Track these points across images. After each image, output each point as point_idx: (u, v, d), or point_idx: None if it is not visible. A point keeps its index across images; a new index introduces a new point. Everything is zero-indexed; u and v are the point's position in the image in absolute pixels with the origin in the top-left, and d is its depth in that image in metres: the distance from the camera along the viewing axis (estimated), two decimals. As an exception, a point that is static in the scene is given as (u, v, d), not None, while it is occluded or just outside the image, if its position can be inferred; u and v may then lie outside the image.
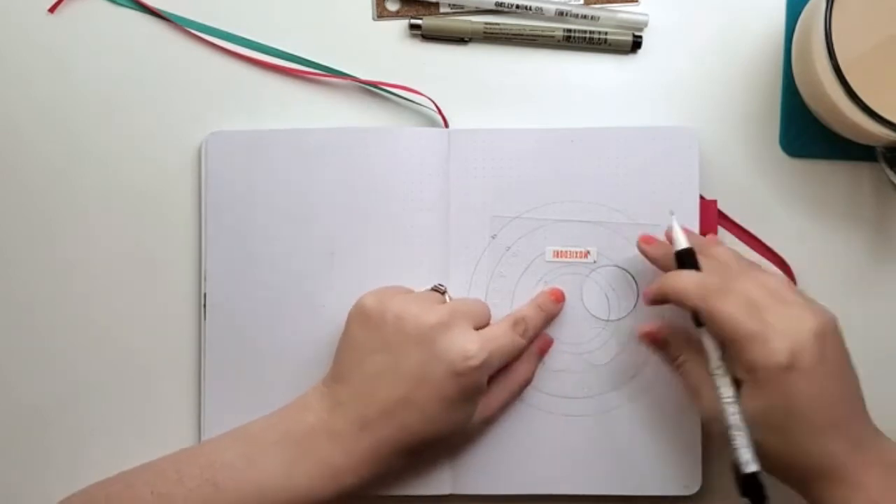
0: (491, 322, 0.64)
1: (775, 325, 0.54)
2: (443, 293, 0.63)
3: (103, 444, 0.67)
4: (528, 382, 0.64)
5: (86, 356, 0.67)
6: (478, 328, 0.61)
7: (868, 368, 0.60)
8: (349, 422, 0.59)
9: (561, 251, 0.65)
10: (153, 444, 0.65)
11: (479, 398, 0.61)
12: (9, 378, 0.67)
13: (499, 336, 0.61)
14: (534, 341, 0.64)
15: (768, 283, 0.57)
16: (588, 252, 0.65)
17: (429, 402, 0.58)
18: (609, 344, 0.65)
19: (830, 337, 0.56)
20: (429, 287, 0.64)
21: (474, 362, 0.58)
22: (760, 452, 0.55)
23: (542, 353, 0.65)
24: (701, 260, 0.59)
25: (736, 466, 0.55)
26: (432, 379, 0.58)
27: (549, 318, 0.65)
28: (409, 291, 0.64)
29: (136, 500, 0.58)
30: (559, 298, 0.65)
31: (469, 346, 0.59)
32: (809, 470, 0.55)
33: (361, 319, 0.61)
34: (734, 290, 0.56)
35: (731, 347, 0.56)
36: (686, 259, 0.59)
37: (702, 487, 0.64)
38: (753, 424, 0.55)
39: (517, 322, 0.63)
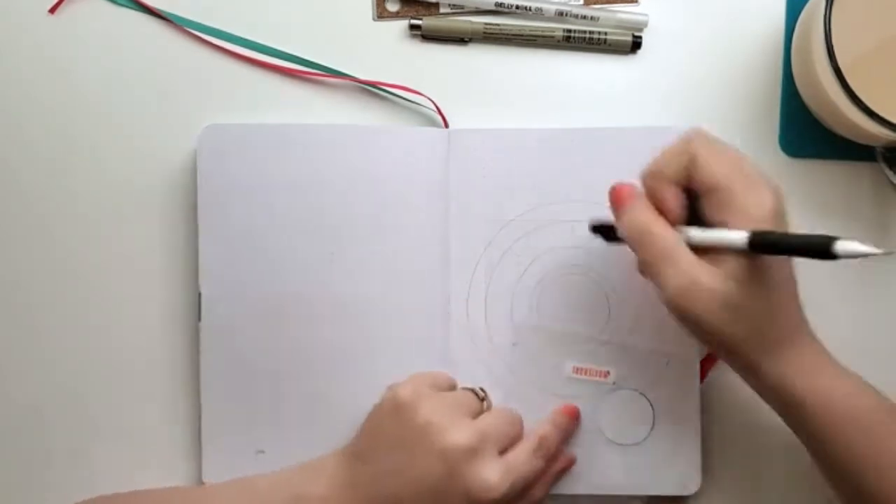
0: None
1: (756, 178, 0.55)
2: (482, 399, 0.63)
3: (102, 445, 0.67)
4: (540, 502, 0.63)
5: (84, 356, 0.67)
6: (505, 448, 0.60)
7: (867, 368, 0.60)
8: (359, 502, 0.59)
9: (581, 368, 0.65)
10: (152, 445, 0.65)
11: None
12: (7, 379, 0.67)
13: (521, 464, 0.60)
14: (554, 460, 0.63)
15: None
16: (608, 372, 0.65)
17: None
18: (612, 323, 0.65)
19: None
20: (464, 374, 0.64)
21: (494, 494, 0.57)
22: (740, 318, 0.54)
23: (561, 475, 0.64)
24: None
25: None
26: (447, 499, 0.58)
27: (567, 436, 0.64)
28: (450, 385, 0.63)
29: None
30: (574, 415, 0.64)
31: (491, 478, 0.57)
32: (769, 332, 0.55)
33: (392, 408, 0.60)
34: (718, 147, 0.56)
35: (718, 196, 0.54)
36: None
37: (702, 487, 0.64)
38: (736, 292, 0.53)
39: (540, 445, 0.61)
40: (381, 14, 0.67)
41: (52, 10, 0.67)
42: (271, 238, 0.65)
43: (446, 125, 0.66)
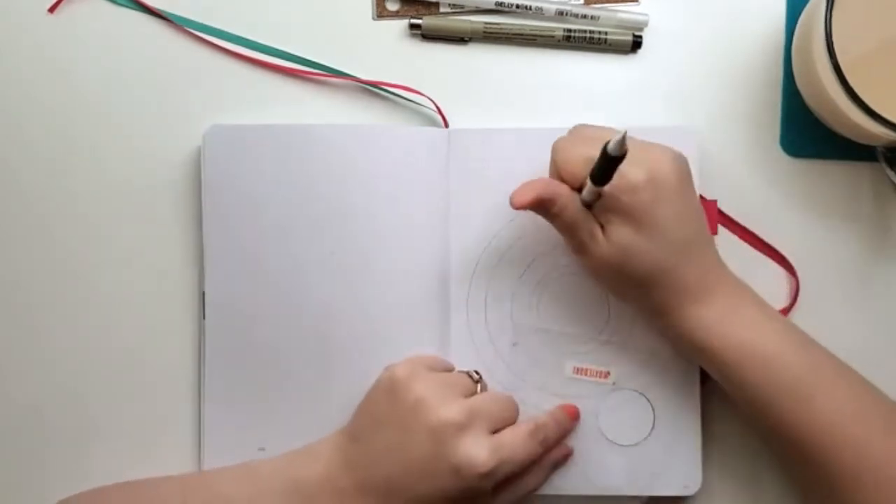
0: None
1: (632, 155, 0.54)
2: (476, 381, 0.63)
3: (103, 445, 0.67)
4: (535, 490, 0.63)
5: (86, 356, 0.67)
6: (498, 430, 0.60)
7: (867, 368, 0.60)
8: (354, 483, 0.59)
9: (581, 368, 0.65)
10: (153, 445, 0.65)
11: (482, 501, 0.60)
12: (7, 379, 0.67)
13: (513, 445, 0.60)
14: (550, 450, 0.63)
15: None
16: (608, 372, 0.65)
17: (429, 493, 0.58)
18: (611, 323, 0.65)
19: (685, 165, 0.59)
20: (461, 356, 0.64)
21: (480, 470, 0.58)
22: (627, 281, 0.59)
23: (558, 466, 0.64)
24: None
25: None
26: (436, 475, 0.58)
27: (565, 433, 0.64)
28: (446, 368, 0.64)
29: None
30: (574, 416, 0.64)
31: (478, 453, 0.58)
32: (667, 291, 0.58)
33: (387, 387, 0.60)
34: (588, 137, 0.58)
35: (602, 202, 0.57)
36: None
37: (702, 487, 0.64)
38: (620, 257, 0.58)
39: (538, 429, 0.61)
40: (381, 13, 0.67)
41: (52, 10, 0.67)
42: (273, 236, 0.65)
43: (446, 125, 0.66)
